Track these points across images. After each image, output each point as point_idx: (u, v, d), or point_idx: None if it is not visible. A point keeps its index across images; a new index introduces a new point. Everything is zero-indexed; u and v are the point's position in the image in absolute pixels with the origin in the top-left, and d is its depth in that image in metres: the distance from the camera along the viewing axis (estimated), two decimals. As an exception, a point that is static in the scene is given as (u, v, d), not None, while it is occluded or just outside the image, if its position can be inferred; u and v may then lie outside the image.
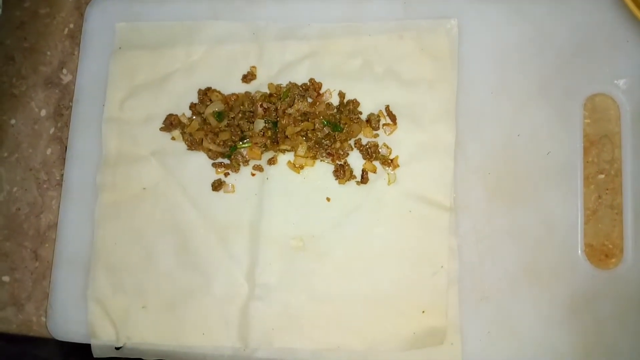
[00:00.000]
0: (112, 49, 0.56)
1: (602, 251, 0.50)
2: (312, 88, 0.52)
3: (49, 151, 0.57)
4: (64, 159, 0.55)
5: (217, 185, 0.52)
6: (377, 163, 0.51)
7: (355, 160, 0.52)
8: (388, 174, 0.51)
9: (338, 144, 0.51)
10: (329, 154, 0.51)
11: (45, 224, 0.56)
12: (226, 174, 0.53)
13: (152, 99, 0.54)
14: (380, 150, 0.51)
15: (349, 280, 0.50)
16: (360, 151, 0.51)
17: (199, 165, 0.53)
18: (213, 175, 0.53)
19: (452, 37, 0.52)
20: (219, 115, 0.52)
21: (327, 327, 0.50)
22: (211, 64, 0.54)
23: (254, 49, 0.54)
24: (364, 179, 0.51)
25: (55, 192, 0.56)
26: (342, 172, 0.51)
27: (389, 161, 0.51)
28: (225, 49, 0.54)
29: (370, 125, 0.51)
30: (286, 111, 0.51)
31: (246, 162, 0.52)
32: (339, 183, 0.51)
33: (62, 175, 0.55)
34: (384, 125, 0.52)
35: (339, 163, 0.51)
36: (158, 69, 0.55)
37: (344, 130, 0.51)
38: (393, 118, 0.52)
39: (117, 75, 0.55)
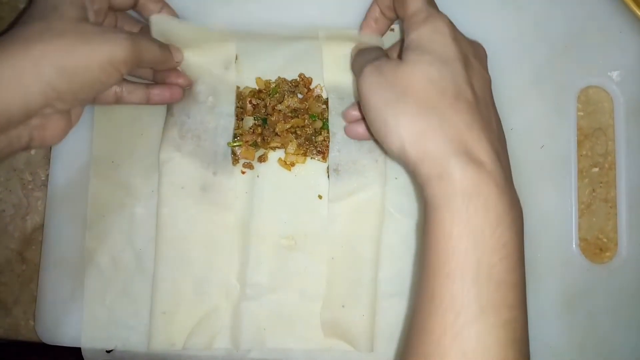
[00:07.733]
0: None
1: (596, 245, 0.50)
2: (302, 84, 0.51)
3: (33, 151, 0.55)
4: (49, 159, 0.54)
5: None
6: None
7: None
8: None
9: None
10: (320, 152, 0.50)
11: (31, 226, 0.55)
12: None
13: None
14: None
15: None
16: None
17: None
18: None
19: None
20: (207, 113, 0.51)
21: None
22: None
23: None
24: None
25: (40, 192, 0.55)
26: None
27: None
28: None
29: (362, 121, 0.50)
30: (276, 107, 0.50)
31: (237, 160, 0.51)
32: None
33: (47, 175, 0.54)
34: (375, 120, 0.51)
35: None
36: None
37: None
38: (385, 113, 0.51)
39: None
